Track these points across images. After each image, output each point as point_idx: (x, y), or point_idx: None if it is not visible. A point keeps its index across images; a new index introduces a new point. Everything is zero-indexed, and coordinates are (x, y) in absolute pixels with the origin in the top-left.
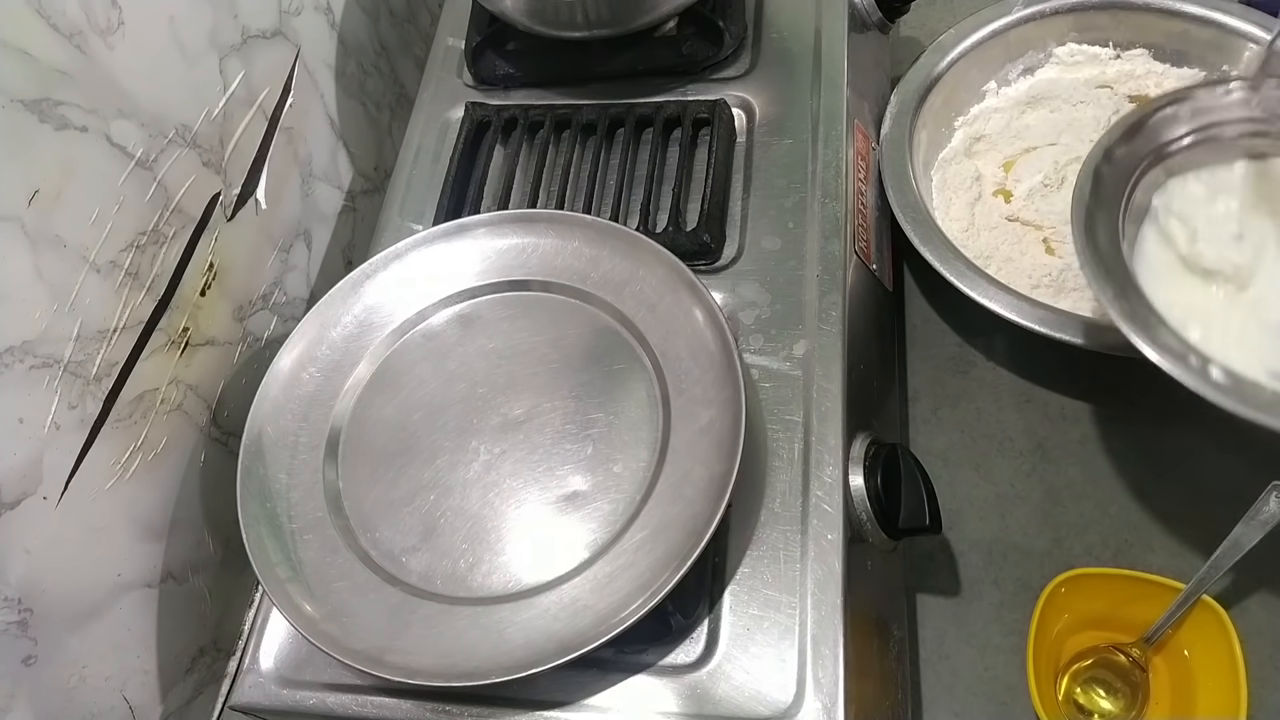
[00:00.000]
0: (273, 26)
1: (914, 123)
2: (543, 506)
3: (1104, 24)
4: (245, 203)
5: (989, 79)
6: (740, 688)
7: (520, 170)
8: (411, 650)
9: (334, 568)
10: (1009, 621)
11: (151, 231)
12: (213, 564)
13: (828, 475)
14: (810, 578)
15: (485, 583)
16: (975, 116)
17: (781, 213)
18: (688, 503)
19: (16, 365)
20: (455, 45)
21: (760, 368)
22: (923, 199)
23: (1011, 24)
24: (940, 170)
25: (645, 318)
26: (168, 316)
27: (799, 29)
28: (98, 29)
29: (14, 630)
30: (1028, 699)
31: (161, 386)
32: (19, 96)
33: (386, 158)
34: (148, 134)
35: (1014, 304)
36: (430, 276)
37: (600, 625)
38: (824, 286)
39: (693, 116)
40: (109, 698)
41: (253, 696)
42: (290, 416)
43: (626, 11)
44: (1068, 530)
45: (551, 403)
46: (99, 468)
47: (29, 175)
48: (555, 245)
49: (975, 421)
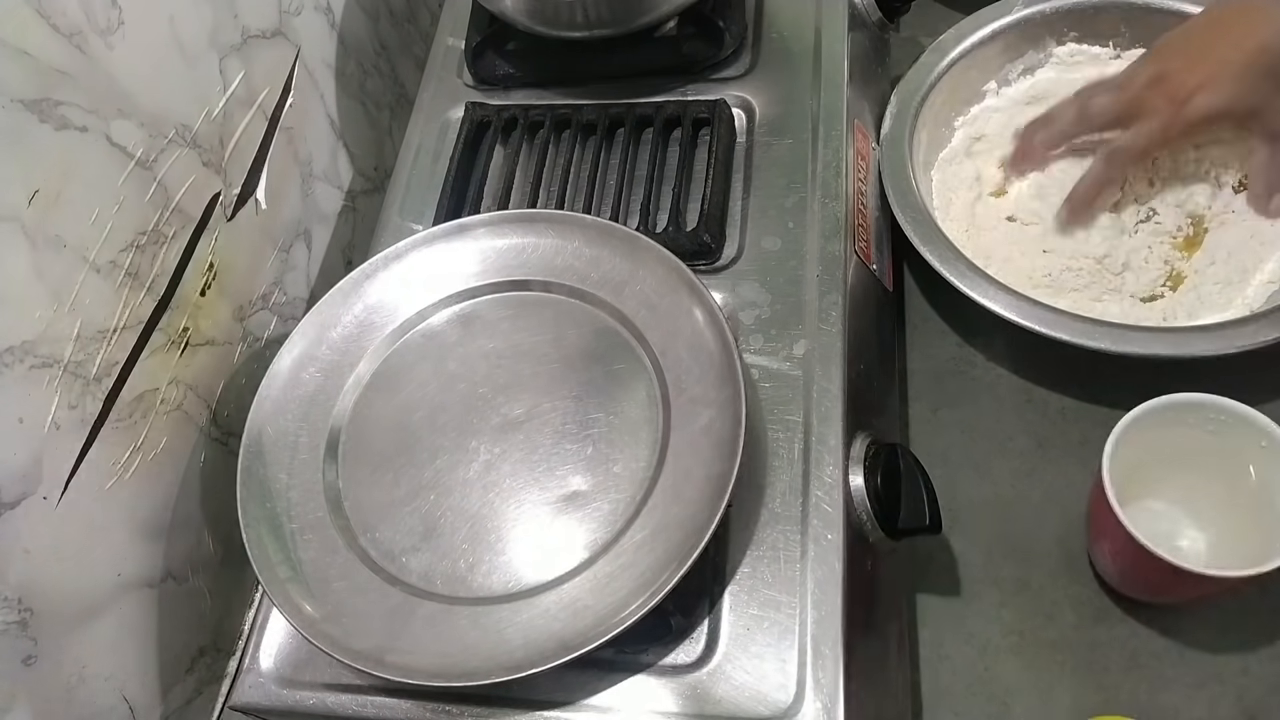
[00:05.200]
0: (273, 26)
1: (914, 123)
2: (543, 506)
3: (1104, 24)
4: (245, 203)
5: (989, 79)
6: (740, 688)
7: (520, 170)
8: (411, 650)
9: (334, 568)
10: (1009, 621)
11: (151, 231)
12: (213, 564)
13: (828, 475)
14: (810, 578)
15: (485, 583)
16: (975, 116)
17: (781, 213)
18: (688, 503)
19: (16, 365)
20: (455, 45)
21: (760, 368)
22: (923, 199)
23: (1011, 24)
24: (940, 170)
25: (645, 318)
26: (168, 316)
27: (799, 29)
28: (98, 29)
29: (14, 630)
30: (1028, 699)
31: (161, 386)
32: (19, 96)
33: (386, 158)
34: (148, 134)
35: (1014, 304)
36: (430, 276)
37: (600, 625)
38: (824, 286)
39: (693, 116)
40: (109, 698)
41: (253, 696)
42: (290, 416)
43: (626, 11)
44: (1068, 530)
45: (551, 403)
46: (99, 468)
47: (29, 175)
48: (555, 245)
49: (975, 421)
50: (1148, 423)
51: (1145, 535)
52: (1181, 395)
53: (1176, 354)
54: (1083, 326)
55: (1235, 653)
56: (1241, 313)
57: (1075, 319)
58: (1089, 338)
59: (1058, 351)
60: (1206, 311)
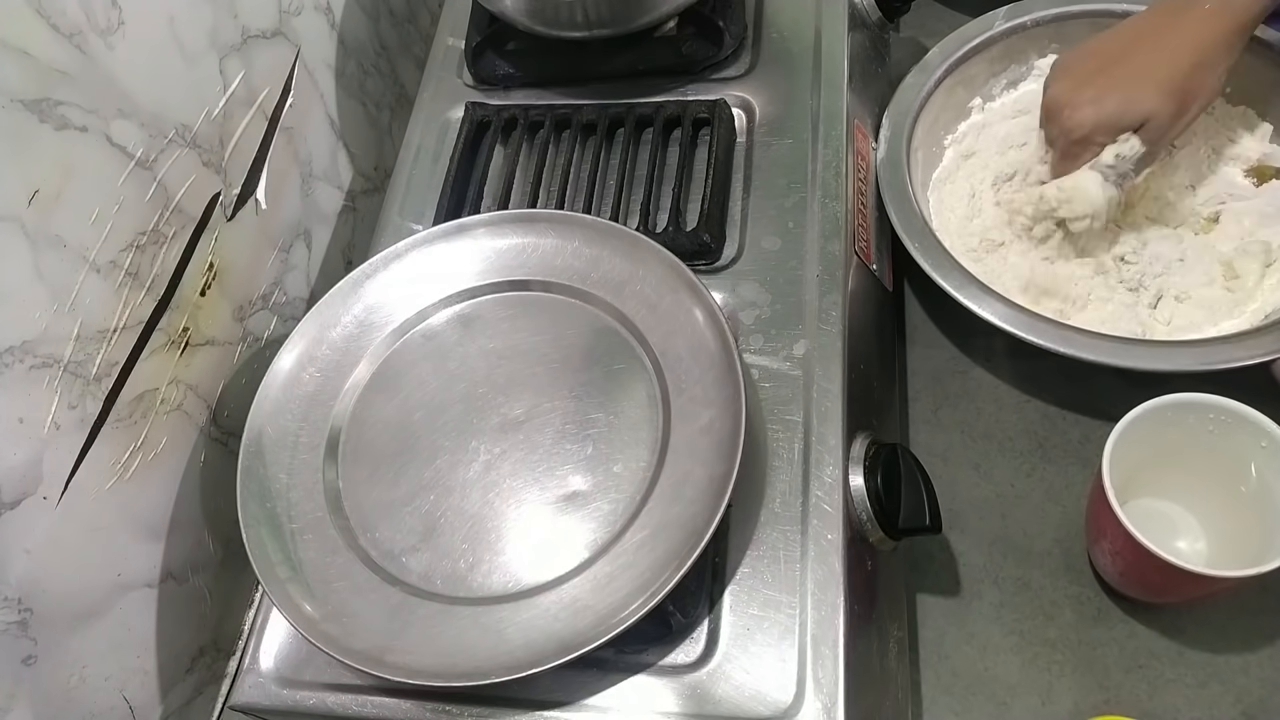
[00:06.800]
0: (273, 26)
1: (909, 144)
2: (543, 506)
3: (1083, 34)
4: (245, 203)
5: (974, 95)
6: (740, 688)
7: (520, 170)
8: (411, 650)
9: (334, 568)
10: (1009, 621)
11: (151, 231)
12: (213, 564)
13: (828, 475)
14: (810, 578)
15: (485, 583)
16: (964, 134)
17: (781, 213)
18: (688, 503)
19: (16, 365)
20: (455, 45)
21: (760, 368)
22: (925, 219)
23: (993, 38)
24: (936, 190)
25: (645, 318)
26: (168, 316)
27: (799, 29)
28: (98, 29)
29: (14, 630)
30: (1028, 699)
31: (161, 386)
32: (19, 96)
33: (386, 158)
34: (148, 134)
35: (1010, 314)
36: (430, 276)
37: (600, 625)
38: (824, 286)
39: (693, 116)
40: (109, 698)
41: (253, 696)
42: (290, 416)
43: (626, 11)
44: (1068, 530)
45: (551, 403)
46: (99, 468)
47: (29, 175)
48: (555, 245)
49: (975, 421)
50: (1148, 422)
51: (1145, 535)
52: (1181, 395)
53: (1160, 368)
54: (1079, 339)
55: (1235, 653)
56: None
57: (1070, 330)
58: (1086, 350)
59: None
60: (1208, 317)
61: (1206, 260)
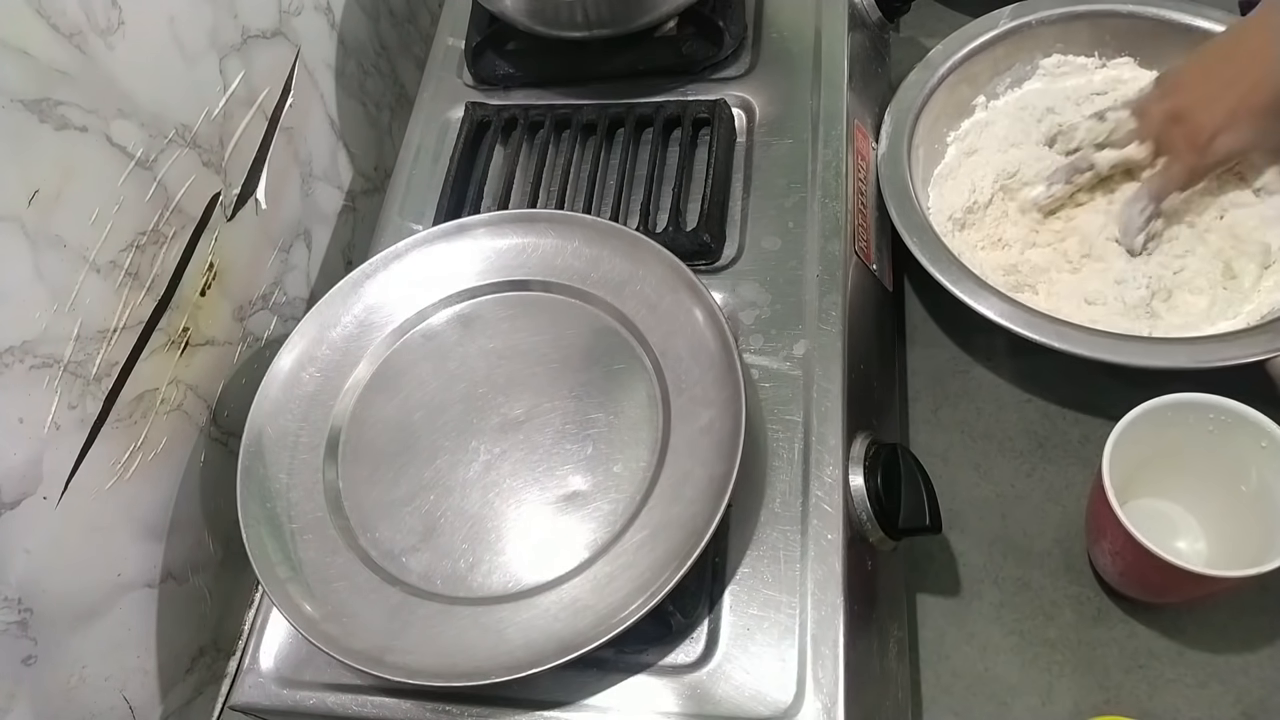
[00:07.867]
0: (273, 26)
1: (910, 141)
2: (543, 506)
3: (1088, 34)
4: (245, 203)
5: (978, 93)
6: (740, 688)
7: (520, 170)
8: (411, 650)
9: (334, 568)
10: (1009, 621)
11: (151, 231)
12: (213, 564)
13: (828, 475)
14: (810, 578)
15: (485, 583)
16: (966, 131)
17: (781, 213)
18: (688, 503)
19: (16, 365)
20: (455, 45)
21: (760, 368)
22: (924, 215)
23: (997, 37)
24: (937, 186)
25: (645, 318)
26: (168, 316)
27: (799, 29)
28: (98, 29)
29: (14, 630)
30: (1028, 699)
31: (161, 386)
32: (19, 96)
33: (386, 158)
34: (148, 134)
35: (1007, 310)
36: (430, 276)
37: (600, 625)
38: (824, 286)
39: (693, 116)
40: (109, 698)
41: (253, 696)
42: (290, 416)
43: (626, 11)
44: (1068, 530)
45: (551, 403)
46: (99, 468)
47: (29, 175)
48: (555, 245)
49: (975, 421)
50: (1148, 422)
51: (1145, 535)
52: (1181, 395)
53: (1156, 365)
54: (1079, 334)
55: (1235, 653)
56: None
57: (1067, 326)
58: (1085, 346)
59: (1056, 355)
60: (1204, 317)
61: (1206, 260)
